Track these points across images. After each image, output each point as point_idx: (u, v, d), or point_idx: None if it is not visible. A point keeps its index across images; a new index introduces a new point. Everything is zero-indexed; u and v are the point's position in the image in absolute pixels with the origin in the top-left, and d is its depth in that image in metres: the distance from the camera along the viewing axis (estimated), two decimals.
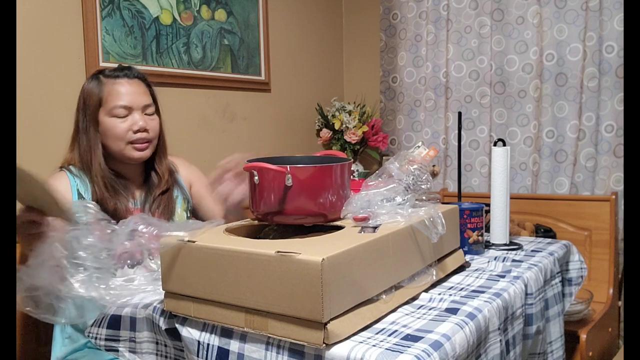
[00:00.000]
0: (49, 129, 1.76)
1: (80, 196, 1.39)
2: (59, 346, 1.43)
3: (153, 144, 1.47)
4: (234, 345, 0.93)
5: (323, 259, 0.82)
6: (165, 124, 1.52)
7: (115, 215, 1.38)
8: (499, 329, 1.05)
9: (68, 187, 1.39)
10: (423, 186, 1.17)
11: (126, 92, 1.41)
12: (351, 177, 1.30)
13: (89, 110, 1.42)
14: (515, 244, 1.56)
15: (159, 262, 1.31)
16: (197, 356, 0.96)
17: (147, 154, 1.45)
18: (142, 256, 1.40)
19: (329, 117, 2.72)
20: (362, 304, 0.92)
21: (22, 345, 1.59)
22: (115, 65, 1.50)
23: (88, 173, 1.41)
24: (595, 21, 2.30)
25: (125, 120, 1.41)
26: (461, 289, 1.14)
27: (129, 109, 1.41)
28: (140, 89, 1.45)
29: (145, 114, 1.44)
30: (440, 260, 1.20)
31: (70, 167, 1.43)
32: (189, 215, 1.56)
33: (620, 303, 2.31)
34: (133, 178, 1.49)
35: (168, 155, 1.57)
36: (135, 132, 1.41)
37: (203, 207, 1.61)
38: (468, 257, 1.40)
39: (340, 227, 1.07)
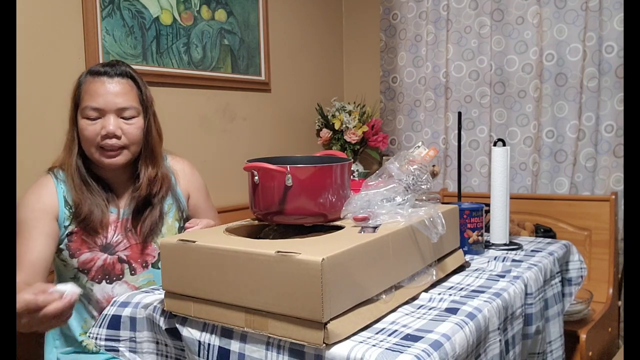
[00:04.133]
0: (49, 129, 1.76)
1: (66, 203, 1.32)
2: (50, 347, 1.43)
3: (130, 150, 1.34)
4: (234, 345, 0.93)
5: (323, 259, 0.82)
6: (163, 125, 1.44)
7: (90, 221, 1.31)
8: (498, 328, 1.05)
9: (53, 194, 1.32)
10: (423, 186, 1.18)
11: (101, 92, 1.29)
12: (351, 177, 1.30)
13: (70, 108, 1.35)
14: (515, 244, 1.56)
15: (141, 279, 1.28)
16: (198, 356, 0.96)
17: (118, 160, 1.32)
18: (121, 272, 1.38)
19: (329, 117, 2.72)
20: (362, 303, 0.92)
21: (22, 346, 1.58)
22: (105, 62, 1.40)
23: (67, 175, 1.33)
24: (595, 21, 2.30)
25: (96, 123, 1.30)
26: (461, 289, 1.14)
27: (101, 112, 1.29)
28: (120, 88, 1.31)
29: (122, 117, 1.31)
30: (440, 260, 1.20)
31: (59, 170, 1.36)
32: (181, 224, 1.47)
33: (620, 303, 2.31)
34: (118, 185, 1.39)
35: (170, 159, 1.50)
36: (104, 137, 1.29)
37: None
38: (468, 257, 1.40)
39: (340, 227, 1.07)
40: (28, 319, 1.01)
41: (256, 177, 1.09)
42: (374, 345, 0.84)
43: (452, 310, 0.99)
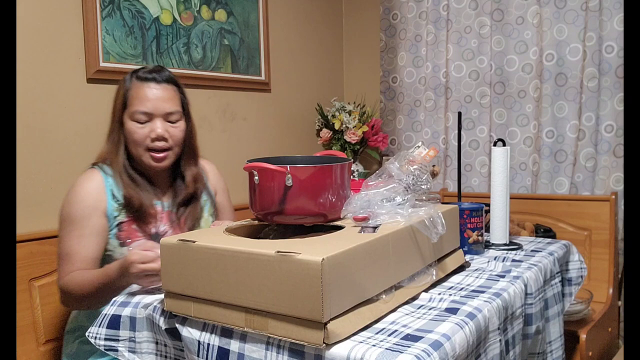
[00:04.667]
0: (49, 129, 1.76)
1: (114, 195, 1.39)
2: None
3: (174, 152, 1.44)
4: (234, 345, 0.93)
5: (323, 259, 0.82)
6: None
7: (140, 212, 1.40)
8: (498, 328, 1.05)
9: (102, 186, 1.39)
10: (423, 186, 1.18)
11: (150, 97, 1.39)
12: (351, 177, 1.30)
13: (116, 110, 1.43)
14: (515, 244, 1.56)
15: None
16: (198, 356, 0.96)
17: (165, 164, 1.43)
18: None
19: (329, 117, 2.72)
20: (362, 303, 0.92)
21: (22, 346, 1.59)
22: (145, 65, 1.50)
23: (114, 171, 1.41)
24: (595, 21, 2.30)
25: (145, 126, 1.39)
26: (461, 289, 1.14)
27: (150, 116, 1.39)
28: (167, 94, 1.41)
29: (168, 122, 1.41)
30: (440, 260, 1.20)
31: (104, 165, 1.43)
32: (214, 219, 1.56)
33: (620, 303, 2.31)
34: (159, 181, 1.48)
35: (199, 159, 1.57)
36: (154, 139, 1.39)
37: (218, 219, 1.62)
38: (468, 257, 1.40)
39: (340, 227, 1.07)
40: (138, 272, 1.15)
41: (256, 177, 1.09)
42: (374, 345, 0.84)
43: (452, 310, 0.99)
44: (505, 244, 1.54)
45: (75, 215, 1.35)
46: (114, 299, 1.16)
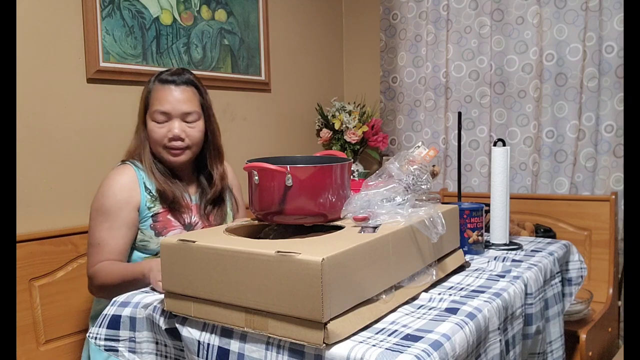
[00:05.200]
0: (49, 129, 1.76)
1: (147, 188, 1.46)
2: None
3: (192, 150, 1.50)
4: (234, 345, 0.93)
5: (323, 259, 0.82)
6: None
7: (175, 203, 1.47)
8: (498, 328, 1.05)
9: (135, 180, 1.45)
10: (423, 186, 1.18)
11: (169, 98, 1.46)
12: (351, 177, 1.30)
13: (140, 110, 1.51)
14: (515, 244, 1.56)
15: None
16: (198, 356, 0.96)
17: (181, 159, 1.49)
18: None
19: (329, 117, 2.72)
20: (362, 303, 0.92)
21: (22, 346, 1.59)
22: (169, 68, 1.55)
23: (145, 165, 1.48)
24: (595, 21, 2.30)
25: (163, 126, 1.46)
26: (461, 289, 1.14)
27: (168, 116, 1.46)
28: (185, 95, 1.48)
29: (186, 121, 1.47)
30: (440, 260, 1.20)
31: (135, 161, 1.50)
32: (233, 214, 1.64)
33: (620, 303, 2.31)
34: (185, 177, 1.55)
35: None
36: (170, 139, 1.46)
37: (236, 215, 1.68)
38: (468, 257, 1.40)
39: (340, 227, 1.07)
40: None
41: (256, 177, 1.09)
42: (374, 345, 0.84)
43: (452, 310, 0.99)
44: (505, 244, 1.54)
45: (108, 208, 1.41)
46: (114, 299, 1.16)
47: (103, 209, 1.42)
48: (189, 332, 0.98)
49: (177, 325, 1.01)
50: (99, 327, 1.13)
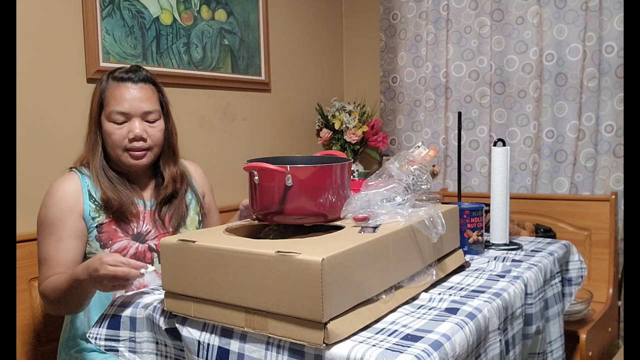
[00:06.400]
0: (49, 129, 1.76)
1: (91, 196, 1.37)
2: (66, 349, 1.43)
3: (153, 152, 1.42)
4: (234, 345, 0.93)
5: (323, 259, 0.82)
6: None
7: (120, 213, 1.37)
8: (498, 328, 1.05)
9: (78, 188, 1.36)
10: (423, 186, 1.18)
11: (127, 97, 1.36)
12: (351, 177, 1.30)
13: (92, 111, 1.40)
14: (515, 244, 1.56)
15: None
16: (198, 356, 0.96)
17: (144, 162, 1.40)
18: (151, 260, 1.41)
19: (329, 117, 2.72)
20: (362, 303, 0.92)
21: (22, 346, 1.59)
22: (123, 66, 1.46)
23: (92, 172, 1.39)
24: (595, 21, 2.30)
25: (123, 127, 1.37)
26: (461, 289, 1.14)
27: (127, 115, 1.36)
28: (144, 94, 1.39)
29: (146, 121, 1.39)
30: (440, 260, 1.20)
31: (82, 167, 1.41)
32: (200, 218, 1.54)
33: (620, 303, 2.31)
34: (140, 180, 1.46)
35: (183, 160, 1.55)
36: (131, 140, 1.36)
37: (207, 219, 1.61)
38: (468, 257, 1.40)
39: (340, 227, 1.07)
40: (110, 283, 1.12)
41: (256, 177, 1.09)
42: (374, 345, 0.84)
43: (452, 310, 0.99)
44: (505, 244, 1.54)
45: (51, 219, 1.32)
46: (112, 299, 1.16)
47: (47, 220, 1.33)
48: (189, 332, 0.98)
49: (177, 325, 1.01)
50: (99, 327, 1.13)
